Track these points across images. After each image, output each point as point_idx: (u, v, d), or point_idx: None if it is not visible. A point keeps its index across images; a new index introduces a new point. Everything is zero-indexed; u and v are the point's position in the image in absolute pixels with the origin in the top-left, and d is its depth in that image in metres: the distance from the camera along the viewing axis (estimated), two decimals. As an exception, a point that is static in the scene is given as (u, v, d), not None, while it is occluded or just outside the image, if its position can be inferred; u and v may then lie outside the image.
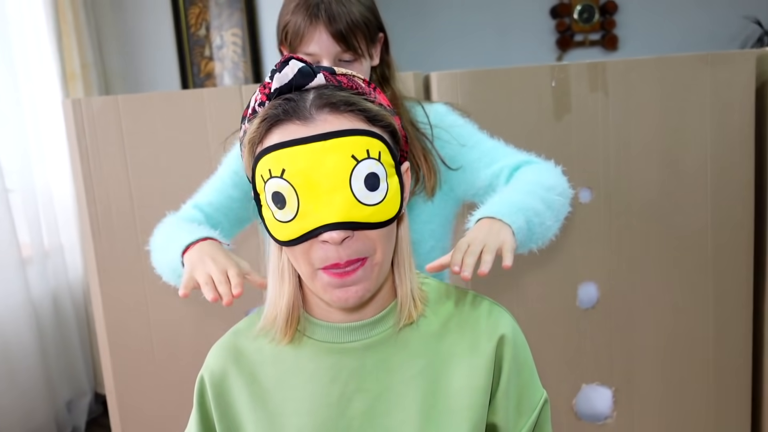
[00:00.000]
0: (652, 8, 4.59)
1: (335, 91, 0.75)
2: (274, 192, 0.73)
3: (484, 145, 1.21)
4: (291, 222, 0.73)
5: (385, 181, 0.74)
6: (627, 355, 1.78)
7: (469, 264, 0.86)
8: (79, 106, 1.64)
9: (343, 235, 0.72)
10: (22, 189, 2.54)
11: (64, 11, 2.75)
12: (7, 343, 2.37)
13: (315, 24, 1.09)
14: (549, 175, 1.11)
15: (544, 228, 1.02)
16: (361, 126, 0.74)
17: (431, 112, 1.23)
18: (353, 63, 1.13)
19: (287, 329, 0.82)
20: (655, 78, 1.68)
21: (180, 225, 1.10)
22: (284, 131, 0.73)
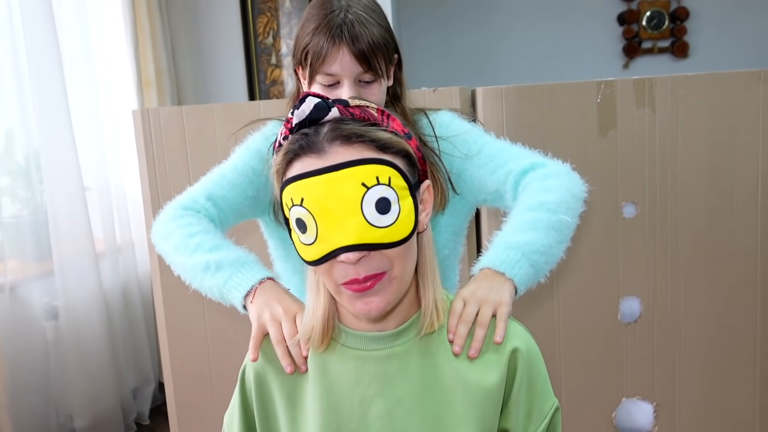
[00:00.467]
0: (726, 15, 4.46)
1: (347, 124, 0.82)
2: (297, 218, 0.82)
3: (488, 148, 1.18)
4: (313, 245, 0.81)
5: (396, 203, 0.81)
6: (669, 370, 1.78)
7: (461, 336, 0.89)
8: (147, 115, 1.77)
9: (358, 256, 0.80)
10: (98, 187, 2.72)
11: (141, 21, 2.93)
12: (80, 331, 2.54)
13: (338, 45, 1.09)
14: (556, 187, 1.08)
15: (552, 258, 1.03)
16: (371, 155, 0.80)
17: (436, 122, 1.22)
18: (372, 84, 1.13)
19: (323, 337, 0.90)
20: (704, 94, 1.67)
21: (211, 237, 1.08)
22: (302, 164, 0.81)
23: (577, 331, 1.77)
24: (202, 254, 1.06)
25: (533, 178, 1.10)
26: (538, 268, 1.01)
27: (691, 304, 1.75)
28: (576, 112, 1.69)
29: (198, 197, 1.16)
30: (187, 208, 1.14)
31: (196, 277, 1.07)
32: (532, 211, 1.05)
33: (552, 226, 1.03)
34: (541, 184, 1.08)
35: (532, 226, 1.03)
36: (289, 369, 0.92)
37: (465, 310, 0.92)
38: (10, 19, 2.36)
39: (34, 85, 2.38)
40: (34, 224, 2.49)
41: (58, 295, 2.51)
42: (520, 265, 0.98)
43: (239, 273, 1.02)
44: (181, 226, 1.11)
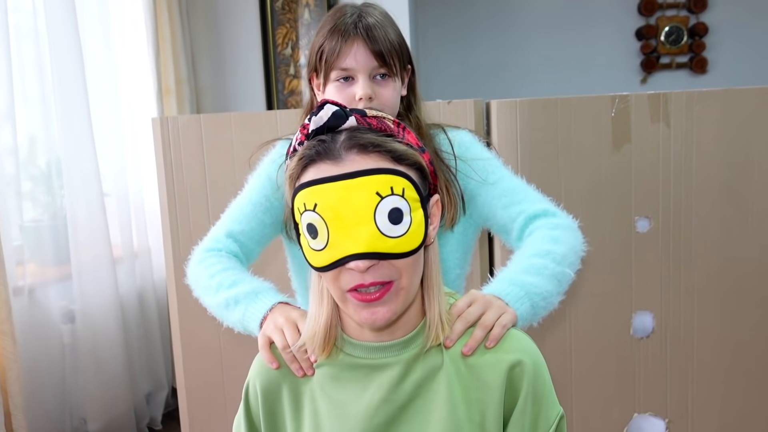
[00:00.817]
0: (746, 32, 4.44)
1: (365, 133, 0.83)
2: (308, 223, 0.82)
3: (505, 183, 1.20)
4: (323, 251, 0.82)
5: (408, 215, 0.82)
6: (682, 386, 1.77)
7: (457, 332, 0.91)
8: (166, 123, 1.80)
9: (367, 264, 0.80)
10: (117, 193, 2.76)
11: (162, 30, 2.98)
12: (96, 335, 2.57)
13: (353, 39, 1.12)
14: (564, 240, 1.11)
15: (548, 306, 1.06)
16: (387, 165, 0.82)
17: (455, 141, 1.23)
18: (387, 80, 1.15)
19: (325, 345, 0.91)
20: (720, 110, 1.67)
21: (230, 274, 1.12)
22: (317, 169, 0.82)
23: (589, 345, 1.76)
24: (222, 292, 1.10)
25: (543, 225, 1.13)
26: (536, 311, 1.03)
27: (704, 320, 1.74)
28: (590, 126, 1.70)
29: (219, 236, 1.21)
30: (210, 249, 1.20)
31: (222, 315, 1.12)
32: (540, 257, 1.07)
33: (556, 276, 1.06)
34: (551, 233, 1.11)
35: (538, 272, 1.05)
36: (300, 372, 0.93)
37: (469, 309, 0.93)
38: (35, 28, 2.41)
39: (58, 92, 2.43)
40: (54, 229, 2.53)
41: (75, 299, 2.55)
42: (522, 302, 1.00)
43: (254, 304, 1.06)
44: (205, 268, 1.16)
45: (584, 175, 1.70)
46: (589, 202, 1.71)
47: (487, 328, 0.92)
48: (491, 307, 0.95)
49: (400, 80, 1.19)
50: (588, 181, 1.70)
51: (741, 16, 4.43)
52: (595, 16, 4.49)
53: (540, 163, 1.70)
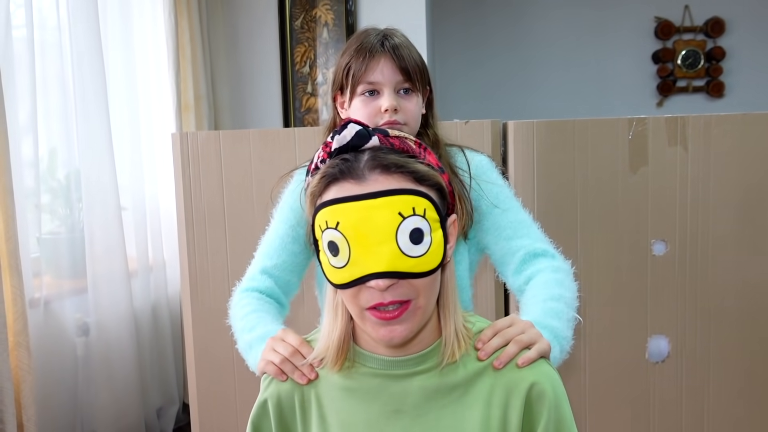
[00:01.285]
0: (764, 56, 4.44)
1: (387, 153, 0.84)
2: (329, 241, 0.83)
3: (512, 215, 1.23)
4: (343, 268, 0.83)
5: (429, 235, 0.83)
6: (697, 412, 1.74)
7: (492, 345, 0.91)
8: (186, 138, 1.82)
9: (388, 283, 0.81)
10: (134, 207, 2.78)
11: (183, 48, 3.02)
12: (109, 347, 2.58)
13: (380, 55, 1.17)
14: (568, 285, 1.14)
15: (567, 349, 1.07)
16: (409, 186, 0.83)
17: (473, 161, 1.26)
18: (411, 94, 1.20)
19: (338, 359, 0.92)
20: (737, 134, 1.67)
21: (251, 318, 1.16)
22: (340, 188, 0.83)
23: (604, 368, 1.75)
24: (245, 335, 1.15)
25: (545, 268, 1.16)
26: (562, 356, 1.05)
27: (720, 345, 1.73)
28: (607, 148, 1.70)
29: (255, 275, 1.25)
30: (246, 289, 1.23)
31: (246, 358, 1.15)
32: (555, 301, 1.09)
33: (570, 320, 1.09)
34: (555, 276, 1.14)
35: (558, 316, 1.07)
36: (304, 380, 0.94)
37: (507, 329, 0.94)
38: (59, 43, 2.46)
39: (80, 106, 2.46)
40: (71, 241, 2.56)
41: (90, 311, 2.56)
42: (552, 346, 1.00)
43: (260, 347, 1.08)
44: (239, 309, 1.20)
45: (601, 198, 1.70)
46: (605, 225, 1.70)
47: (522, 345, 0.92)
48: (531, 330, 0.95)
49: (422, 98, 1.23)
50: (605, 204, 1.70)
51: (758, 41, 4.43)
52: (612, 39, 4.51)
53: (556, 184, 1.70)
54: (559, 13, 4.51)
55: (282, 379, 0.96)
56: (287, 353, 0.97)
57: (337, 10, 3.33)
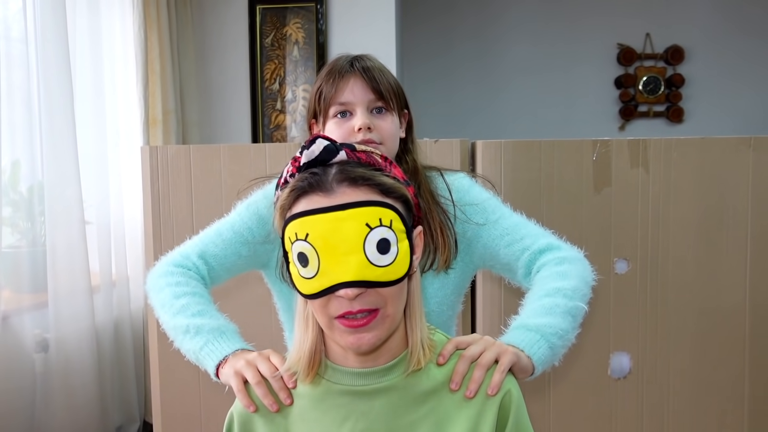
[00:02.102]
0: (721, 83, 4.59)
1: (355, 167, 0.87)
2: (299, 252, 0.85)
3: (505, 221, 1.21)
4: (313, 279, 0.85)
5: (395, 245, 0.85)
6: (658, 428, 1.78)
7: (460, 372, 0.92)
8: (155, 152, 1.81)
9: (357, 292, 0.83)
10: (98, 222, 2.75)
11: (153, 61, 3.01)
12: (69, 365, 2.53)
13: (349, 75, 1.17)
14: (572, 274, 1.11)
15: (567, 342, 1.06)
16: (376, 198, 0.85)
17: (453, 186, 1.24)
18: (385, 113, 1.18)
19: (309, 370, 0.93)
20: (696, 158, 1.73)
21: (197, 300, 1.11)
22: (309, 201, 0.85)
23: (567, 384, 1.78)
24: (184, 317, 1.09)
25: (549, 262, 1.13)
26: (555, 351, 1.04)
27: (680, 361, 1.77)
28: (572, 169, 1.74)
29: (191, 254, 1.20)
30: (179, 265, 1.18)
31: (176, 337, 1.11)
32: (550, 296, 1.08)
33: (569, 311, 1.06)
34: (558, 269, 1.11)
35: (550, 311, 1.06)
36: (274, 407, 0.94)
37: (470, 347, 0.95)
38: (26, 54, 2.43)
39: (45, 119, 2.43)
40: (32, 255, 2.50)
41: (50, 327, 2.50)
42: (539, 346, 1.01)
43: (215, 341, 1.05)
44: (170, 284, 1.14)
45: (566, 216, 1.74)
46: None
47: (486, 367, 0.93)
48: (491, 346, 0.96)
49: (398, 118, 1.21)
50: (569, 222, 1.74)
51: (716, 69, 4.59)
52: (577, 64, 4.62)
53: (523, 202, 1.72)
54: (526, 38, 4.61)
55: (251, 410, 0.95)
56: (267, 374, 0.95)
57: (307, 28, 3.36)
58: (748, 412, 1.77)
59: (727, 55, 4.57)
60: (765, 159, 1.72)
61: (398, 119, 1.22)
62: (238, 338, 1.08)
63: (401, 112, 1.23)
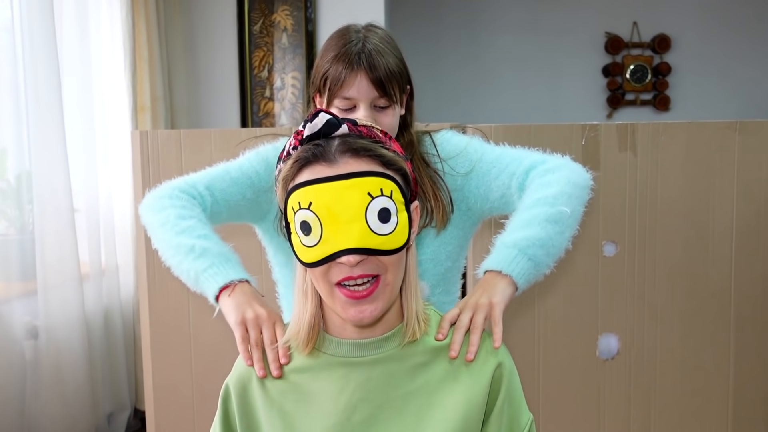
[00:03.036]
0: (707, 72, 4.63)
1: (357, 139, 0.89)
2: (302, 221, 0.87)
3: (488, 156, 1.22)
4: (315, 246, 0.86)
5: (395, 215, 0.87)
6: (645, 408, 1.81)
7: (457, 341, 0.95)
8: (146, 137, 1.81)
9: (358, 259, 0.85)
10: (87, 210, 2.73)
11: (140, 49, 2.99)
12: (59, 352, 2.52)
13: (356, 71, 1.15)
14: (554, 181, 1.11)
15: (552, 251, 1.07)
16: (377, 169, 0.88)
17: (438, 141, 1.27)
18: (387, 109, 1.19)
19: (308, 341, 0.94)
20: (683, 142, 1.75)
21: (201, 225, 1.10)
22: (313, 171, 0.87)
23: (555, 366, 1.80)
24: (189, 237, 1.08)
25: (534, 177, 1.14)
26: (538, 261, 1.05)
27: (667, 342, 1.80)
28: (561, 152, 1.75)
29: (197, 184, 1.19)
30: (184, 191, 1.17)
31: (176, 256, 1.09)
32: (529, 209, 1.09)
33: (550, 219, 1.07)
34: (540, 181, 1.13)
35: (528, 223, 1.07)
36: (261, 373, 0.95)
37: (459, 317, 0.97)
38: (12, 40, 2.41)
39: (32, 107, 2.41)
40: (21, 243, 2.49)
41: (39, 315, 2.50)
42: (517, 261, 1.03)
43: (222, 265, 1.05)
44: (174, 206, 1.13)
45: (554, 200, 1.75)
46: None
47: (479, 329, 0.96)
48: (478, 308, 0.98)
49: (400, 105, 1.22)
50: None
51: (702, 58, 4.62)
52: (564, 52, 4.64)
53: (512, 187, 1.75)
54: (515, 26, 4.62)
55: (248, 363, 0.97)
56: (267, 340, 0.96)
57: (296, 16, 3.35)
58: (732, 392, 1.80)
59: (714, 43, 4.61)
60: (751, 142, 1.75)
61: (399, 104, 1.22)
62: (242, 268, 1.08)
63: (403, 92, 1.23)
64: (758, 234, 1.77)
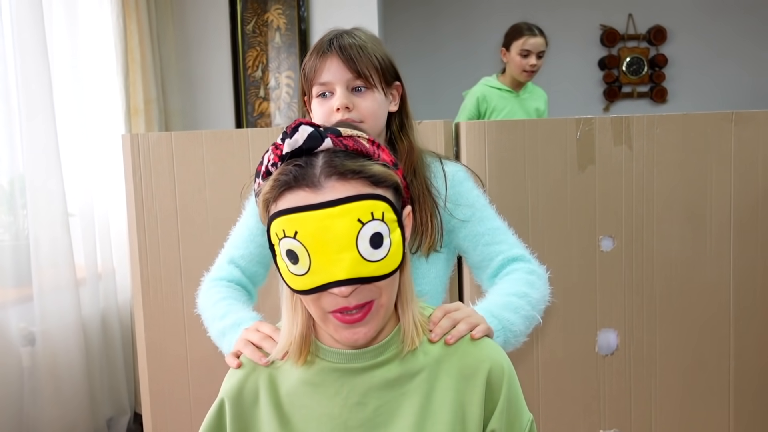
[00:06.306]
0: (703, 63, 4.61)
1: (343, 159, 0.83)
2: (288, 249, 0.82)
3: (489, 223, 1.25)
4: (304, 276, 0.82)
5: (388, 237, 0.83)
6: (645, 403, 1.80)
7: (443, 327, 0.95)
8: (136, 140, 1.79)
9: (351, 289, 0.82)
10: (82, 214, 2.72)
11: (132, 50, 2.97)
12: (56, 358, 2.51)
13: (327, 54, 1.17)
14: (538, 286, 1.18)
15: (516, 344, 1.13)
16: (366, 190, 0.82)
17: (449, 172, 1.26)
18: (365, 92, 1.18)
19: (301, 353, 0.92)
20: (679, 134, 1.74)
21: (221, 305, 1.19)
22: (296, 196, 0.81)
23: (555, 362, 1.79)
24: (217, 322, 1.17)
25: (519, 268, 1.20)
26: (506, 347, 1.09)
27: (666, 337, 1.79)
28: (556, 148, 1.74)
29: (222, 265, 1.28)
30: (215, 278, 1.26)
31: (220, 345, 1.17)
32: (518, 297, 1.14)
33: (528, 318, 1.13)
34: (528, 277, 1.18)
35: (515, 310, 1.12)
36: (263, 361, 0.94)
37: (455, 311, 0.98)
38: (2, 44, 2.39)
39: (24, 110, 2.39)
40: (15, 249, 2.48)
41: (36, 321, 2.48)
42: (498, 336, 1.06)
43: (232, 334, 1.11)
44: (208, 297, 1.23)
45: (550, 195, 1.74)
46: (554, 222, 1.74)
47: (471, 326, 0.96)
48: (474, 314, 1.00)
49: (383, 94, 1.21)
50: (554, 201, 1.74)
51: (698, 49, 4.61)
52: (560, 45, 4.62)
53: (508, 182, 1.73)
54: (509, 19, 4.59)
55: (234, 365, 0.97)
56: (257, 340, 0.98)
57: (289, 15, 3.33)
58: (733, 387, 1.79)
59: (709, 34, 4.59)
60: (747, 134, 1.73)
61: (384, 95, 1.21)
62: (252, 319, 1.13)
63: (388, 85, 1.22)
64: (756, 225, 1.75)
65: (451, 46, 4.61)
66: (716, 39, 4.58)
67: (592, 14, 4.58)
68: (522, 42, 2.74)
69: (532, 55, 2.74)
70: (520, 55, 2.75)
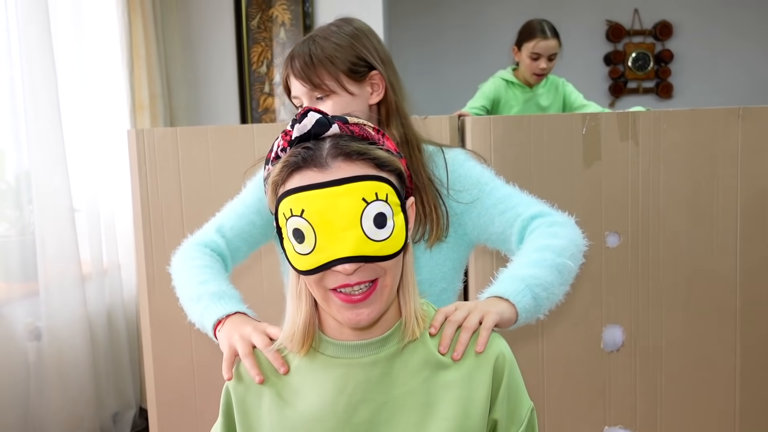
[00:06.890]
0: (709, 58, 4.59)
1: (349, 141, 0.86)
2: (294, 228, 0.84)
3: (499, 192, 1.23)
4: (309, 254, 0.84)
5: (391, 219, 0.85)
6: (651, 399, 1.79)
7: (447, 336, 0.94)
8: (142, 135, 1.79)
9: (354, 267, 0.83)
10: (87, 209, 2.73)
11: (137, 46, 2.98)
12: (62, 353, 2.52)
13: (289, 71, 1.24)
14: (562, 234, 1.13)
15: (552, 297, 1.08)
16: (371, 172, 0.85)
17: (449, 156, 1.27)
18: (325, 99, 1.21)
19: (303, 343, 0.92)
20: (685, 130, 1.73)
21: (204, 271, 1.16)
22: (303, 176, 0.84)
23: (560, 358, 1.79)
24: (193, 287, 1.14)
25: (540, 224, 1.16)
26: (539, 303, 1.06)
27: (671, 334, 1.78)
28: (562, 143, 1.73)
29: (209, 231, 1.26)
30: (197, 243, 1.24)
31: (188, 308, 1.15)
32: (539, 251, 1.10)
33: (556, 267, 1.08)
34: (548, 230, 1.14)
35: (537, 264, 1.08)
36: (258, 378, 0.94)
37: (454, 313, 0.97)
38: (8, 41, 2.39)
39: (30, 106, 2.40)
40: (21, 244, 2.49)
41: (41, 316, 2.49)
42: (524, 295, 1.03)
43: (214, 304, 1.09)
44: (186, 260, 1.21)
45: (556, 191, 1.73)
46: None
47: (471, 330, 0.95)
48: (474, 310, 0.98)
49: (350, 93, 1.22)
50: (560, 197, 1.72)
51: (704, 44, 4.58)
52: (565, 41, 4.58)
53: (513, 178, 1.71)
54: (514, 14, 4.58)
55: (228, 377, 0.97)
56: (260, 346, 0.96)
57: (294, 10, 3.32)
58: (739, 382, 1.79)
59: (716, 29, 4.57)
60: (753, 129, 1.72)
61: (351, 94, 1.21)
62: (237, 301, 1.11)
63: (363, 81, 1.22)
64: (762, 220, 1.75)
65: (456, 40, 4.60)
66: (722, 34, 4.56)
67: (597, 9, 4.56)
68: (533, 45, 2.67)
69: (543, 58, 2.68)
70: (530, 57, 2.69)
